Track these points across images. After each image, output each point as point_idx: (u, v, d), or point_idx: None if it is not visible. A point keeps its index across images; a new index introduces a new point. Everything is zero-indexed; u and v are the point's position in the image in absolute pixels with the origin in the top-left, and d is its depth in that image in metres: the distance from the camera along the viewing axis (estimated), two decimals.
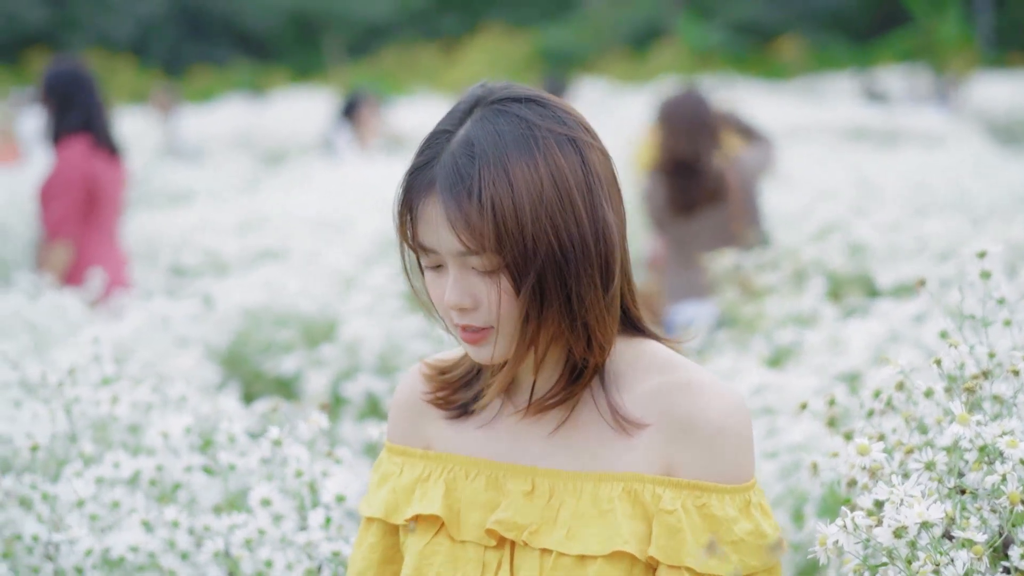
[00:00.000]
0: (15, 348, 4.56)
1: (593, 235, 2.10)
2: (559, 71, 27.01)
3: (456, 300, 2.13)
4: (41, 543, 3.07)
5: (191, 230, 8.37)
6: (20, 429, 3.42)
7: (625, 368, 2.23)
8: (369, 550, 2.38)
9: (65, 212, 7.18)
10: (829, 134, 19.01)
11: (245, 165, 16.63)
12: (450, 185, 2.08)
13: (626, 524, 2.14)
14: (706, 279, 6.91)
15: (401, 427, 2.39)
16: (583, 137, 2.15)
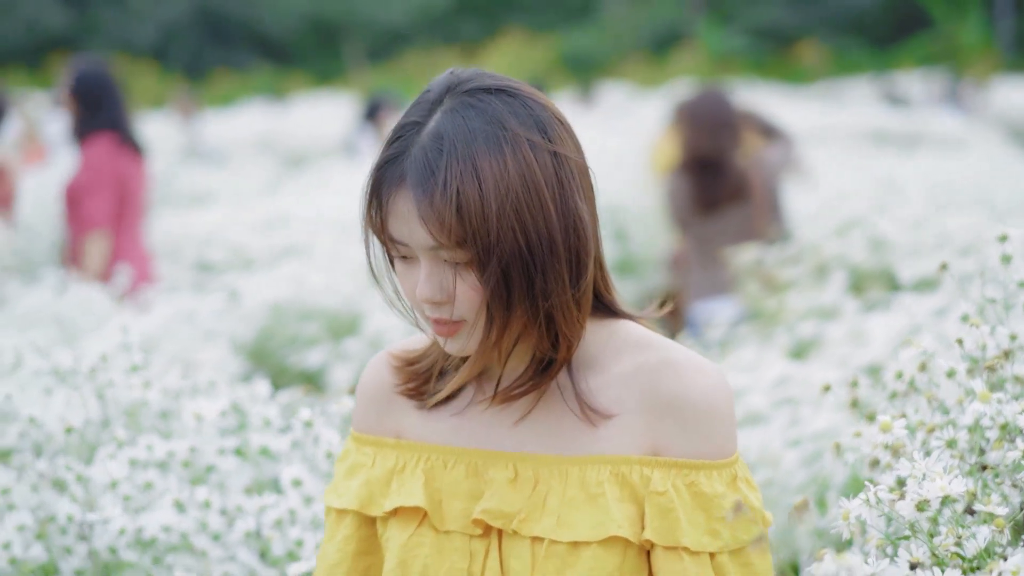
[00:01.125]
0: (43, 339, 4.60)
1: (562, 230, 2.08)
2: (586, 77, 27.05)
3: (428, 294, 2.11)
4: (75, 523, 3.11)
5: (216, 228, 8.43)
6: (52, 414, 3.47)
7: (598, 350, 2.21)
8: (344, 542, 2.33)
9: (101, 206, 7.29)
10: (849, 138, 19.02)
11: (267, 168, 16.69)
12: (420, 180, 2.06)
13: (617, 508, 2.13)
14: (728, 276, 6.95)
15: (370, 416, 2.35)
16: (555, 130, 2.13)
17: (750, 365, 4.86)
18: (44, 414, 3.46)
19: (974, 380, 2.50)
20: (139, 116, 11.53)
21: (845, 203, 7.10)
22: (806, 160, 8.53)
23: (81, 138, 7.48)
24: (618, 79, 34.15)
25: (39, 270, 7.77)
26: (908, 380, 2.72)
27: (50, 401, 3.57)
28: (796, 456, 3.89)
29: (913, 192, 8.70)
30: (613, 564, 2.12)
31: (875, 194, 7.65)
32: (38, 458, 3.41)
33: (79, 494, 3.17)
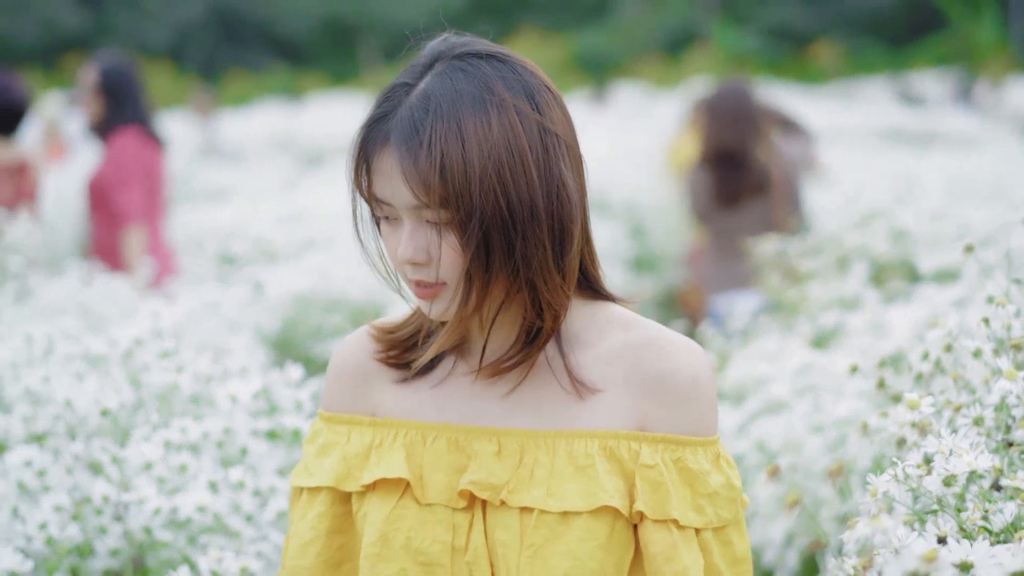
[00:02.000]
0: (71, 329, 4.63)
1: (545, 196, 2.10)
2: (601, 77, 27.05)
3: (409, 254, 2.12)
4: (111, 503, 3.15)
5: (237, 222, 8.49)
6: (86, 397, 3.51)
7: (584, 327, 2.23)
8: (317, 520, 2.30)
9: (133, 199, 7.37)
10: (864, 136, 19.04)
11: (283, 166, 16.75)
12: (405, 139, 2.08)
13: (607, 480, 2.14)
14: (748, 269, 6.96)
15: (343, 396, 2.34)
16: (543, 97, 2.14)
17: (772, 354, 4.89)
18: (78, 398, 3.50)
19: (1000, 359, 2.54)
20: (156, 116, 11.56)
21: (865, 196, 7.12)
22: (822, 158, 8.54)
23: (107, 132, 7.54)
24: (633, 79, 34.16)
25: (62, 263, 7.82)
26: (934, 361, 2.76)
27: (82, 386, 3.60)
28: (820, 442, 3.92)
29: (931, 187, 8.73)
30: (602, 535, 2.13)
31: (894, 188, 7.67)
32: (72, 441, 3.45)
33: (114, 475, 3.21)
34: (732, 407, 4.57)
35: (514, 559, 2.15)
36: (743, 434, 4.35)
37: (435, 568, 2.18)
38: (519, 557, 2.15)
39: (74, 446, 3.30)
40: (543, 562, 2.13)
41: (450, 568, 2.18)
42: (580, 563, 2.12)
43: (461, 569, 2.18)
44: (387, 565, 2.19)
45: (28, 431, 3.57)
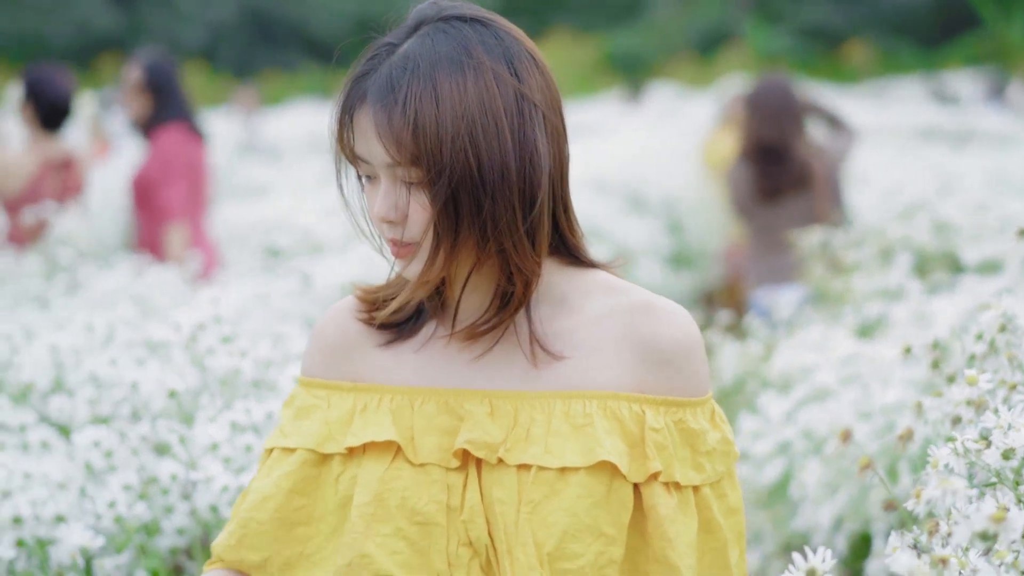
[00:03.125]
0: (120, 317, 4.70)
1: (517, 160, 2.11)
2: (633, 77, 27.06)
3: (383, 212, 2.15)
4: (179, 482, 3.22)
5: (282, 215, 8.56)
6: (151, 381, 3.58)
7: (569, 292, 2.26)
8: (282, 478, 2.29)
9: (177, 196, 7.46)
10: (899, 135, 19.04)
11: (320, 163, 16.83)
12: (381, 97, 2.11)
13: (606, 439, 2.16)
14: (791, 263, 7.00)
15: (325, 362, 2.35)
16: (524, 63, 2.16)
17: (818, 344, 4.94)
18: (144, 381, 3.57)
19: None
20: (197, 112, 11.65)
21: (907, 189, 7.16)
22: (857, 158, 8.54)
23: (150, 129, 7.63)
24: (665, 79, 34.17)
25: (109, 257, 7.91)
26: (989, 341, 2.80)
27: (143, 371, 3.67)
28: (868, 429, 3.96)
29: (969, 182, 8.75)
30: (599, 493, 2.16)
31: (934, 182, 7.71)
32: (136, 423, 3.52)
33: (182, 455, 3.28)
34: (779, 395, 4.62)
35: (512, 516, 2.17)
36: (790, 421, 4.40)
37: (431, 527, 2.20)
38: (517, 514, 2.16)
39: (140, 427, 3.37)
40: (541, 518, 2.15)
41: (446, 527, 2.20)
42: (577, 519, 2.14)
43: (457, 528, 2.20)
44: (383, 525, 2.20)
45: (93, 414, 3.65)
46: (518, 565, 2.15)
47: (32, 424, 3.63)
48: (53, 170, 7.72)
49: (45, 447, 3.50)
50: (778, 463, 4.34)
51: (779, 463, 4.34)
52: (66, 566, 3.07)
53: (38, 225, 7.17)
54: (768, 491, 4.43)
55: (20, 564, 3.06)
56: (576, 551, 2.15)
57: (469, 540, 2.19)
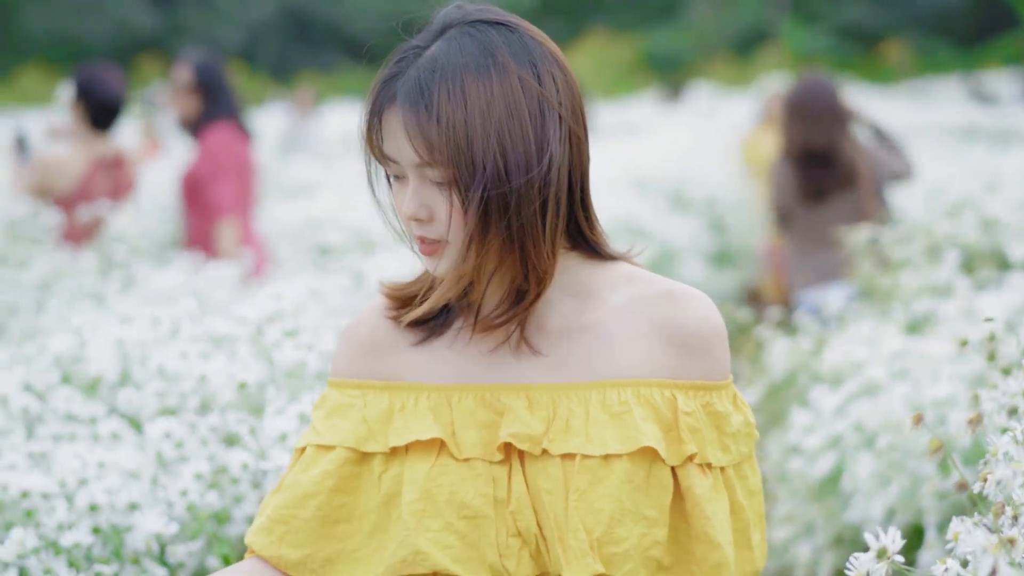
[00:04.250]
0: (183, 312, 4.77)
1: (538, 162, 2.17)
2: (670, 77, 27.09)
3: (412, 211, 2.20)
4: (249, 471, 3.30)
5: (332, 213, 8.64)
6: (219, 374, 3.66)
7: (594, 284, 2.32)
8: (322, 476, 2.32)
9: (227, 192, 7.55)
10: (938, 135, 19.02)
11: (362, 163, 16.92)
12: (411, 99, 2.17)
13: (644, 424, 2.23)
14: (837, 262, 7.01)
15: (358, 362, 2.39)
16: (546, 67, 2.22)
17: (868, 340, 4.99)
18: (212, 374, 3.66)
19: None
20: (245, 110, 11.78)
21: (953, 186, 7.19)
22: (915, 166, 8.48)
23: (201, 127, 7.72)
24: (702, 79, 34.17)
25: (161, 254, 8.00)
26: None
27: (211, 364, 3.75)
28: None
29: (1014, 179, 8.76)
30: (640, 477, 2.22)
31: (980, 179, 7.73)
32: (203, 416, 3.60)
33: (251, 446, 3.35)
34: (830, 390, 4.68)
35: (560, 505, 2.22)
36: (841, 415, 4.46)
37: (480, 520, 2.24)
38: (565, 502, 2.22)
39: (210, 419, 3.45)
40: (588, 505, 2.20)
41: (494, 519, 2.24)
42: (621, 504, 2.21)
43: (505, 519, 2.24)
44: (433, 520, 2.24)
45: (161, 406, 3.73)
46: (570, 552, 2.21)
47: (102, 416, 3.71)
48: (104, 169, 7.80)
49: (116, 438, 3.58)
50: (830, 456, 4.40)
51: (831, 456, 4.40)
52: (141, 552, 3.14)
53: (92, 223, 7.26)
54: (820, 484, 4.49)
55: (96, 550, 3.14)
56: (621, 535, 2.21)
57: (518, 530, 2.24)
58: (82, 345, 4.06)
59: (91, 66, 8.20)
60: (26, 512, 3.14)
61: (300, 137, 20.15)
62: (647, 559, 2.24)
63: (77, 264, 6.54)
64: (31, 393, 3.79)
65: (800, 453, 4.58)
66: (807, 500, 4.60)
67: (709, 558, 2.26)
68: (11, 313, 6.32)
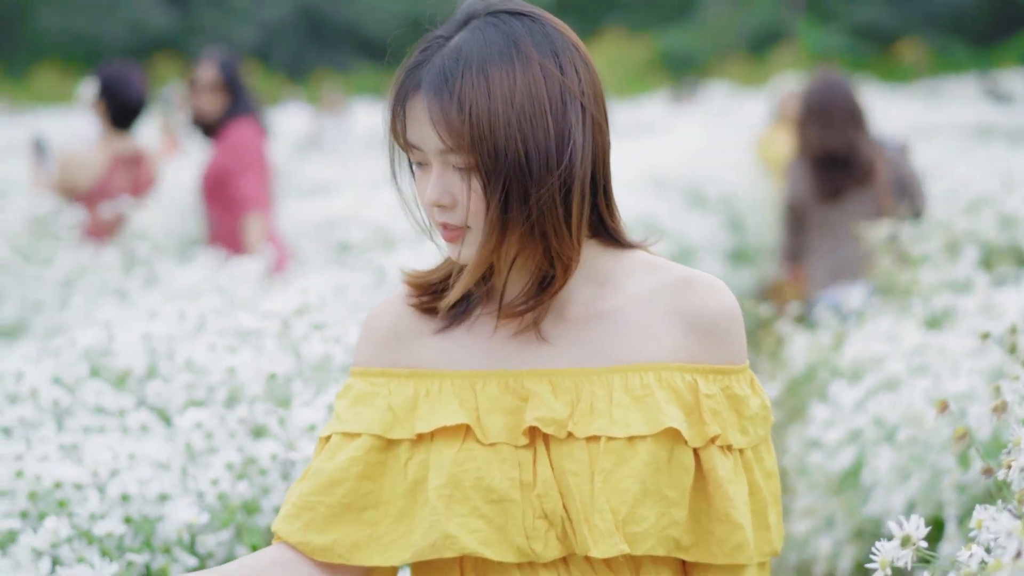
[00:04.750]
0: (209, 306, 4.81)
1: (557, 150, 2.21)
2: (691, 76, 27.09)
3: (435, 197, 2.24)
4: (278, 462, 3.33)
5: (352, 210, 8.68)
6: (247, 366, 3.70)
7: (613, 271, 2.36)
8: (349, 463, 2.36)
9: (253, 187, 7.62)
10: (954, 133, 19.04)
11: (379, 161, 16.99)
12: (435, 86, 2.21)
13: (666, 407, 2.27)
14: (854, 260, 7.02)
15: (380, 351, 2.43)
16: (568, 57, 2.26)
17: (887, 335, 5.02)
18: (240, 367, 3.70)
19: None
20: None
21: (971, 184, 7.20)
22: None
23: (224, 124, 7.77)
24: (717, 79, 34.19)
25: (182, 251, 8.05)
26: None
27: (237, 358, 3.79)
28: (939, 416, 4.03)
29: None
30: (662, 459, 2.26)
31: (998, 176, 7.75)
32: (231, 408, 3.64)
33: (281, 436, 3.39)
34: (850, 384, 4.71)
35: (586, 486, 2.26)
36: (861, 410, 4.49)
37: (507, 504, 2.27)
38: (591, 484, 2.25)
39: (238, 410, 3.49)
40: (614, 486, 2.24)
41: (521, 502, 2.27)
42: (646, 486, 2.25)
43: (532, 502, 2.27)
44: (460, 505, 2.27)
45: (189, 398, 3.76)
46: (597, 532, 2.25)
47: (131, 408, 3.75)
48: (123, 165, 7.86)
49: (145, 430, 3.61)
50: (850, 450, 4.42)
51: (851, 450, 4.42)
52: (172, 541, 3.18)
53: (115, 220, 7.31)
54: (840, 478, 4.51)
55: (128, 540, 3.17)
56: (642, 515, 2.25)
57: (544, 513, 2.28)
58: (110, 339, 4.10)
59: (115, 64, 8.25)
60: (59, 502, 3.17)
61: (320, 138, 20.30)
62: (665, 538, 2.27)
63: (100, 261, 6.59)
64: (61, 386, 3.83)
65: (820, 447, 4.61)
66: (827, 494, 4.63)
67: (730, 539, 2.30)
68: (35, 309, 6.38)
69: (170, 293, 5.57)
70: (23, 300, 6.50)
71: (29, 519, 3.16)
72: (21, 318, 6.40)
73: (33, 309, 6.40)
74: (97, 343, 4.09)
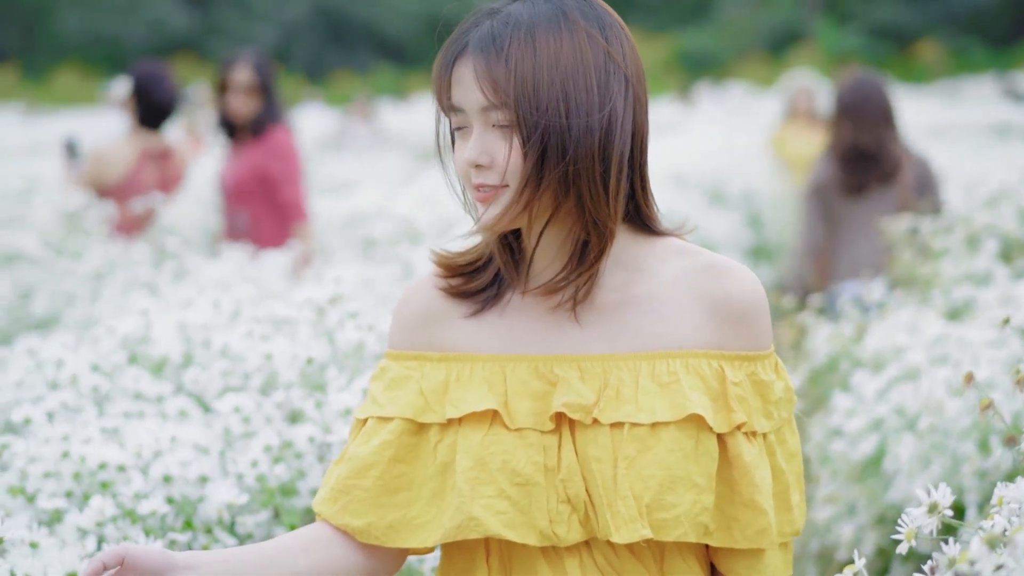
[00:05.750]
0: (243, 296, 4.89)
1: (600, 115, 2.25)
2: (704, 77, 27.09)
3: (474, 156, 2.28)
4: (315, 444, 3.41)
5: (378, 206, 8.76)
6: (283, 353, 3.79)
7: (644, 256, 2.38)
8: (381, 447, 2.41)
9: (301, 194, 7.77)
10: (973, 133, 19.05)
11: (399, 160, 17.10)
12: (482, 45, 2.26)
13: (692, 394, 2.29)
14: (874, 255, 7.08)
15: (412, 334, 2.46)
16: (614, 32, 2.31)
17: (908, 326, 5.09)
18: (277, 353, 3.79)
19: None
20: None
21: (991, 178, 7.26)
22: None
23: (263, 127, 7.84)
24: (735, 79, 34.21)
25: (213, 246, 8.13)
26: None
27: (272, 345, 3.87)
28: (959, 404, 4.10)
29: None
30: (688, 446, 2.28)
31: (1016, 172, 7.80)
32: (266, 395, 3.73)
33: (317, 420, 3.47)
34: (872, 374, 4.78)
35: (609, 472, 2.29)
36: (883, 399, 4.56)
37: (531, 487, 2.30)
38: (614, 469, 2.28)
39: (275, 395, 3.57)
40: (637, 472, 2.27)
41: (545, 486, 2.30)
42: (670, 472, 2.27)
43: (556, 486, 2.30)
44: (486, 487, 2.31)
45: (225, 385, 3.85)
46: (619, 518, 2.27)
47: (169, 395, 3.84)
48: (151, 160, 7.94)
49: (183, 415, 3.70)
50: (871, 439, 4.49)
51: (872, 439, 4.49)
52: (212, 522, 3.27)
53: (144, 214, 7.41)
54: (862, 466, 4.58)
55: (170, 520, 3.26)
56: (672, 501, 2.27)
57: (567, 497, 2.30)
58: (148, 327, 4.18)
59: (147, 64, 8.35)
60: (102, 483, 3.26)
61: (344, 139, 20.51)
62: (696, 524, 2.29)
63: (130, 255, 6.68)
64: (100, 373, 3.92)
65: (842, 436, 4.69)
66: (849, 481, 4.70)
67: (754, 524, 2.32)
68: (67, 302, 6.47)
69: (200, 286, 5.66)
70: (55, 294, 6.60)
71: (74, 499, 3.24)
72: (53, 311, 6.49)
73: (65, 302, 6.50)
74: (135, 331, 4.18)
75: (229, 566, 2.34)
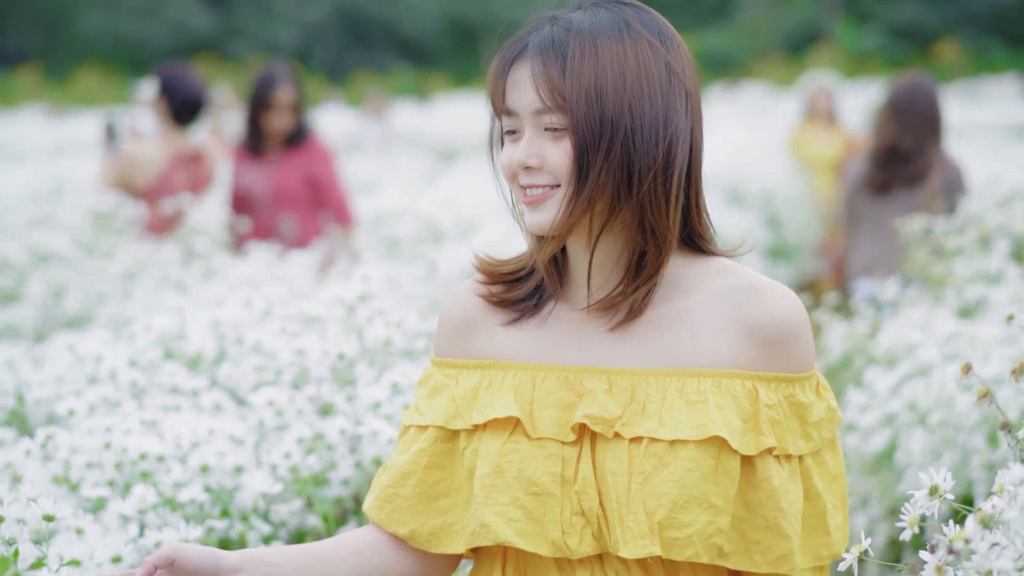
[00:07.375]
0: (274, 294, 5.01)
1: (663, 124, 2.24)
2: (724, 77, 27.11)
3: (523, 157, 2.26)
4: (346, 437, 3.54)
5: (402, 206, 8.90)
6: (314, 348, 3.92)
7: (685, 275, 2.34)
8: (417, 455, 2.42)
9: (348, 198, 7.98)
10: (992, 133, 19.09)
11: (420, 160, 17.21)
12: (541, 49, 2.25)
13: (717, 413, 2.24)
14: (891, 254, 7.16)
15: (451, 342, 2.46)
16: (673, 43, 2.30)
17: (921, 324, 5.19)
18: (309, 349, 3.92)
19: None
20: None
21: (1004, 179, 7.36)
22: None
23: (303, 138, 8.04)
24: (755, 79, 34.24)
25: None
26: None
27: (304, 341, 4.00)
28: (969, 399, 4.19)
29: None
30: (708, 466, 2.24)
31: None
32: (298, 389, 3.86)
33: (348, 412, 3.60)
34: (885, 371, 4.89)
35: (623, 487, 2.26)
36: (895, 395, 4.67)
37: (546, 498, 2.29)
38: (629, 484, 2.25)
39: (307, 389, 3.71)
40: (652, 489, 2.23)
41: (560, 497, 2.29)
42: (686, 491, 2.23)
43: (570, 498, 2.28)
44: (501, 494, 2.30)
45: (258, 380, 3.98)
46: (630, 533, 2.25)
47: (204, 389, 3.97)
48: (183, 163, 8.08)
49: (218, 409, 3.83)
50: (884, 433, 4.60)
51: (885, 433, 4.60)
52: (248, 510, 3.40)
53: (174, 215, 7.54)
54: (874, 459, 4.69)
55: (207, 508, 3.39)
56: (685, 521, 2.23)
57: (582, 510, 2.28)
58: (182, 324, 4.32)
59: (174, 63, 8.49)
60: (142, 473, 3.40)
61: (363, 139, 20.62)
62: (709, 545, 2.25)
63: (160, 255, 6.82)
64: (137, 368, 4.06)
65: (856, 430, 4.80)
66: (863, 474, 4.80)
67: (775, 548, 2.29)
68: (99, 301, 6.61)
69: (229, 284, 5.78)
70: (86, 293, 6.73)
71: (116, 488, 3.38)
72: (85, 310, 6.63)
73: (96, 301, 6.63)
74: (170, 328, 4.31)
75: (279, 570, 2.37)
